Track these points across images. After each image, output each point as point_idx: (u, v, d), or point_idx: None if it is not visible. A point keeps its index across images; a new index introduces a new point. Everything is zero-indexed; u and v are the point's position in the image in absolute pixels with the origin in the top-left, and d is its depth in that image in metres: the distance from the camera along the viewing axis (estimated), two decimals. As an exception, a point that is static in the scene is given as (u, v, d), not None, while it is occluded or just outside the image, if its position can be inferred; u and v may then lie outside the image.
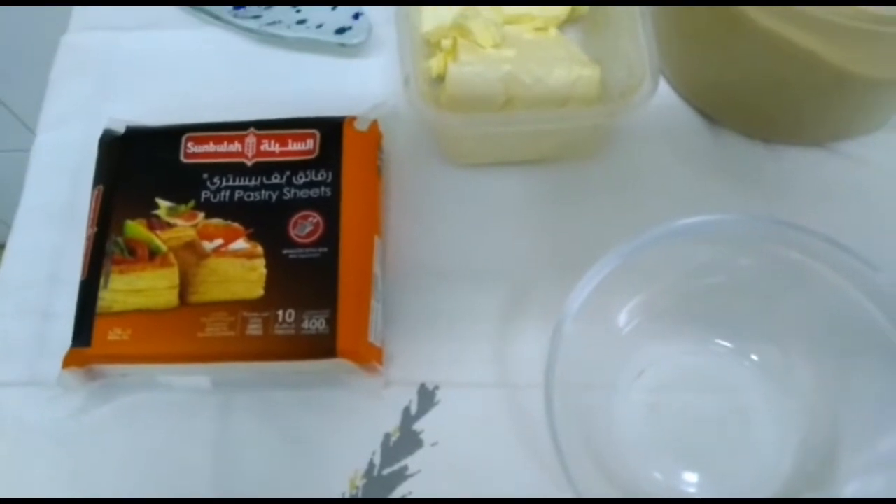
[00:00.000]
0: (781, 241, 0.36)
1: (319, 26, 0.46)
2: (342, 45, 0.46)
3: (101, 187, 0.41)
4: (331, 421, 0.39)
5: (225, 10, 0.48)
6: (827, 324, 0.38)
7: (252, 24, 0.46)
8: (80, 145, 0.44)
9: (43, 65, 0.50)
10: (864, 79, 0.39)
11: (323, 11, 0.47)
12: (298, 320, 0.36)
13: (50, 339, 0.40)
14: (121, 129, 0.42)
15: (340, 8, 0.46)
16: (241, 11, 0.48)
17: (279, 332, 0.36)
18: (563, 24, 0.46)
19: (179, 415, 0.39)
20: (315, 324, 0.36)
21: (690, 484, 0.39)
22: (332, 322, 0.36)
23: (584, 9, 0.46)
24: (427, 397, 0.40)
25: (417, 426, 0.40)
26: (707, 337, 0.40)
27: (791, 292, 0.38)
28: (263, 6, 0.48)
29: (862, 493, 0.36)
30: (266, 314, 0.36)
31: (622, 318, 0.40)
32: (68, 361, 0.37)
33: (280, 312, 0.36)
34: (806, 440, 0.38)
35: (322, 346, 0.36)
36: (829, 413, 0.38)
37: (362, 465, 0.39)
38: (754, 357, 0.40)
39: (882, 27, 0.35)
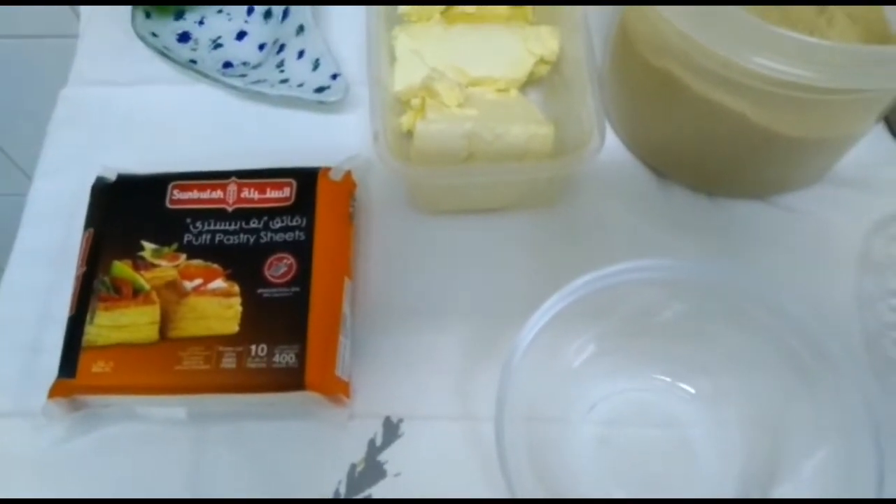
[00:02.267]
0: (716, 283, 0.39)
1: (301, 85, 0.50)
2: (321, 102, 0.50)
3: (91, 230, 0.44)
4: (300, 451, 0.42)
5: (213, 70, 0.52)
6: (761, 361, 0.41)
7: (238, 82, 0.50)
8: (74, 192, 0.47)
9: (42, 116, 0.53)
10: (792, 139, 0.43)
11: (304, 72, 0.51)
12: (270, 354, 0.39)
13: (37, 373, 0.42)
14: (112, 176, 0.46)
15: (320, 69, 0.50)
16: (229, 70, 0.52)
17: (252, 365, 0.39)
18: (524, 86, 0.50)
19: (157, 445, 0.42)
20: (285, 358, 0.39)
21: (646, 513, 0.41)
22: (301, 356, 0.39)
23: (544, 71, 0.50)
24: (391, 429, 0.43)
25: (382, 457, 0.42)
26: (653, 373, 0.43)
27: (727, 331, 0.41)
28: (250, 66, 0.53)
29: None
30: (240, 348, 0.39)
31: (573, 355, 0.43)
32: (54, 392, 0.39)
33: (253, 347, 0.39)
34: (745, 470, 0.41)
35: (291, 379, 0.39)
36: (766, 444, 0.41)
37: (328, 494, 0.41)
38: (696, 392, 0.43)
39: (803, 94, 0.39)
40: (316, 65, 0.50)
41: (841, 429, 0.37)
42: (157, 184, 0.44)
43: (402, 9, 0.49)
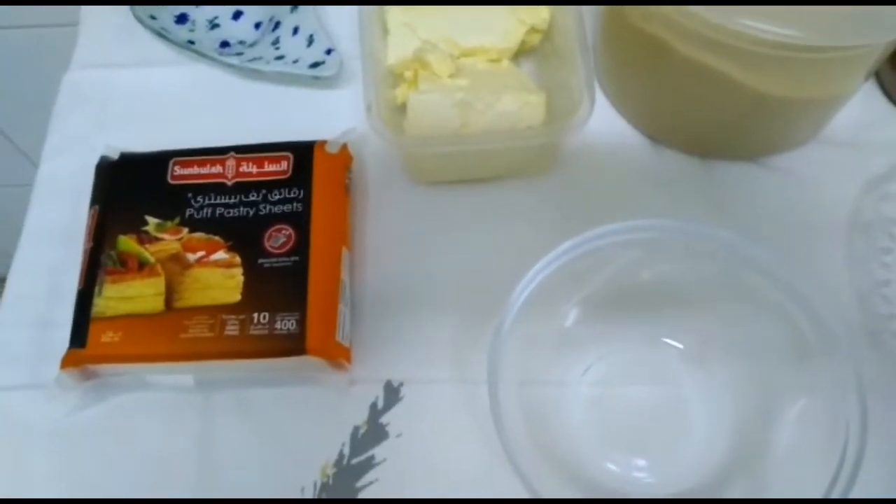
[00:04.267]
0: (702, 243, 0.40)
1: (296, 61, 0.51)
2: (316, 77, 0.50)
3: (97, 207, 0.45)
4: (304, 415, 0.43)
5: (211, 49, 0.53)
6: (749, 320, 0.41)
7: (235, 60, 0.51)
8: (80, 171, 0.48)
9: (46, 102, 0.55)
10: (780, 99, 0.44)
11: (299, 48, 0.52)
12: (272, 321, 0.40)
13: (50, 346, 0.43)
14: (115, 155, 0.47)
15: (315, 45, 0.51)
16: (226, 50, 0.53)
17: (254, 332, 0.40)
18: (516, 56, 0.51)
19: (166, 411, 0.43)
20: (287, 324, 0.40)
21: (641, 468, 0.42)
22: (301, 323, 0.40)
23: (536, 41, 0.51)
24: (392, 393, 0.44)
25: (384, 419, 0.43)
26: (644, 333, 0.44)
27: (716, 291, 0.42)
28: (247, 45, 0.53)
29: (787, 475, 0.39)
30: (242, 316, 0.40)
31: (565, 318, 0.44)
32: (66, 362, 0.41)
33: (255, 315, 0.41)
34: (735, 424, 0.42)
35: (293, 345, 0.40)
36: (756, 399, 0.42)
37: (333, 456, 0.42)
38: (686, 350, 0.44)
39: (789, 53, 0.39)
40: (310, 41, 0.51)
41: (829, 385, 0.38)
42: (159, 161, 0.46)
43: (394, -18, 0.50)
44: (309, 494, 0.41)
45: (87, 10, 0.57)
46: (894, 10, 0.36)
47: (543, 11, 0.49)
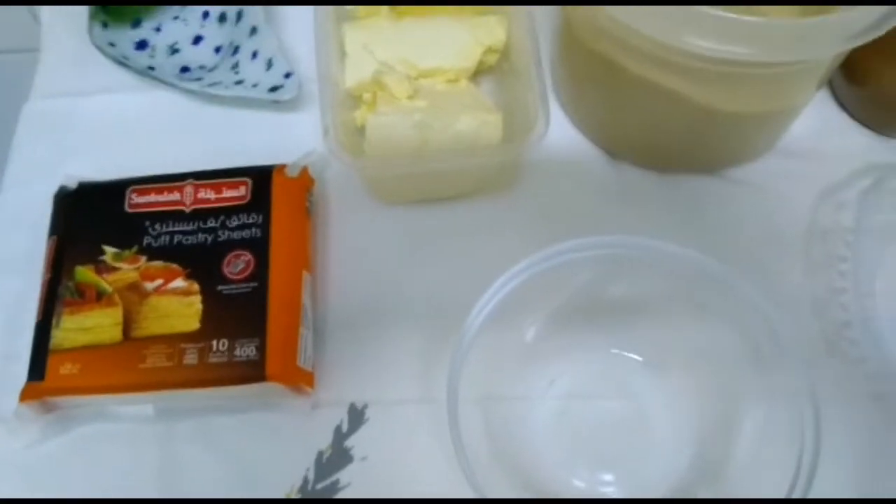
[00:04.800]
0: (660, 258, 0.41)
1: (255, 85, 0.51)
2: (276, 101, 0.51)
3: (55, 237, 0.45)
4: (267, 441, 0.43)
5: (171, 75, 0.53)
6: (708, 333, 0.42)
7: (194, 85, 0.51)
8: (40, 201, 0.48)
9: (6, 130, 0.55)
10: (731, 113, 0.44)
11: (258, 72, 0.52)
12: (231, 349, 0.40)
13: (9, 379, 0.43)
14: (74, 184, 0.47)
15: (274, 69, 0.51)
16: (187, 75, 0.53)
17: (213, 360, 0.40)
18: (475, 75, 0.51)
19: (128, 442, 0.43)
20: (246, 351, 0.40)
21: (607, 483, 0.42)
22: (261, 349, 0.40)
23: (493, 60, 0.51)
24: (357, 415, 0.44)
25: (348, 443, 0.43)
26: (607, 347, 0.44)
27: (675, 304, 0.42)
28: (207, 70, 0.54)
29: (748, 482, 0.40)
30: (202, 344, 0.40)
31: (528, 333, 0.44)
32: (25, 395, 0.41)
33: (214, 342, 0.40)
34: (698, 434, 0.42)
35: (252, 371, 0.40)
36: (717, 410, 0.42)
37: (297, 482, 0.42)
38: (648, 363, 0.44)
39: (735, 69, 0.40)
40: (269, 65, 0.51)
41: (785, 394, 0.38)
42: (116, 189, 0.46)
43: (351, 5, 0.50)
44: (274, 521, 0.41)
45: (46, 39, 0.57)
46: (840, 22, 0.37)
47: (499, 32, 0.49)
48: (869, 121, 0.51)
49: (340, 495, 0.42)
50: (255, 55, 0.52)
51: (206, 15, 0.55)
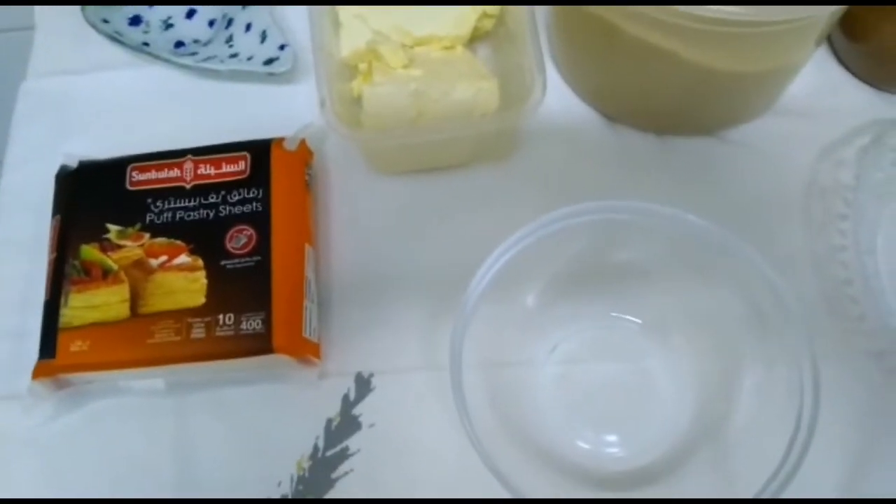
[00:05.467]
0: (660, 221, 0.41)
1: (250, 58, 0.51)
2: (271, 74, 0.50)
3: (58, 217, 0.45)
4: (276, 411, 0.44)
5: (166, 50, 0.52)
6: (708, 294, 0.42)
7: (189, 60, 0.51)
8: (42, 181, 0.48)
9: (5, 110, 0.55)
10: (729, 73, 0.44)
11: (253, 45, 0.51)
12: (237, 322, 0.41)
13: (23, 357, 0.44)
14: (74, 164, 0.47)
15: (268, 41, 0.51)
16: (180, 50, 0.53)
17: (220, 333, 0.41)
18: (471, 41, 0.51)
19: (140, 416, 0.44)
20: (252, 324, 0.41)
21: (611, 444, 0.43)
22: (267, 322, 0.41)
23: (489, 25, 0.51)
24: (363, 384, 0.45)
25: (356, 410, 0.44)
26: (608, 311, 0.45)
27: (674, 267, 0.42)
28: (201, 44, 0.53)
29: (748, 441, 0.40)
30: (208, 319, 0.41)
31: (530, 299, 0.44)
32: (37, 373, 0.42)
33: (220, 316, 0.41)
34: (698, 394, 0.43)
35: (259, 344, 0.41)
36: (716, 369, 0.43)
37: (308, 449, 0.43)
38: (648, 326, 0.45)
39: (732, 29, 0.39)
40: (263, 37, 0.51)
41: (785, 353, 0.38)
42: (117, 167, 0.46)
43: (344, -26, 0.50)
44: (286, 488, 0.42)
45: (40, 17, 0.57)
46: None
47: (495, -5, 0.49)
48: (869, 76, 0.51)
49: (350, 461, 0.43)
50: (248, 27, 0.52)
51: (198, -12, 0.55)
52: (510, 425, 0.42)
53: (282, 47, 0.51)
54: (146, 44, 0.53)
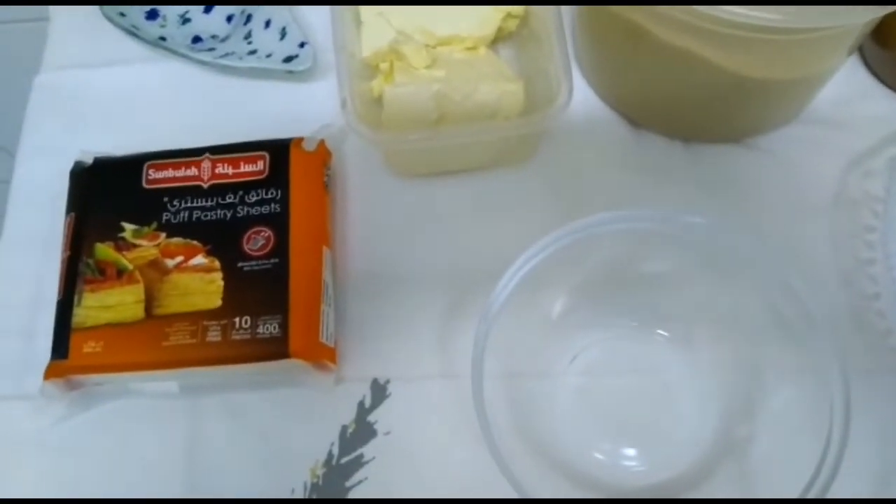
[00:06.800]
0: (687, 232, 0.40)
1: (269, 55, 0.50)
2: (290, 72, 0.50)
3: (73, 214, 0.44)
4: (291, 416, 0.43)
5: (183, 45, 0.52)
6: (734, 306, 0.41)
7: (207, 56, 0.50)
8: (56, 176, 0.48)
9: (21, 101, 0.54)
10: (759, 80, 0.43)
11: (272, 42, 0.51)
12: (254, 326, 0.40)
13: (34, 356, 0.43)
14: (89, 160, 0.46)
15: (287, 38, 0.50)
16: (198, 45, 0.52)
17: (236, 337, 0.40)
18: (494, 42, 0.50)
19: (153, 418, 0.43)
20: (269, 328, 0.40)
21: (631, 458, 0.42)
22: (284, 326, 0.40)
23: (513, 26, 0.50)
24: (379, 391, 0.44)
25: (371, 417, 0.43)
26: (630, 321, 0.44)
27: (700, 277, 0.41)
28: (219, 39, 0.52)
29: (774, 458, 0.39)
30: (224, 322, 0.40)
31: (551, 308, 0.43)
32: (49, 373, 0.41)
33: (237, 319, 0.40)
34: (722, 408, 0.42)
35: (276, 348, 0.40)
36: (742, 386, 0.42)
37: (322, 456, 0.42)
38: (672, 338, 0.44)
39: (767, 36, 0.38)
40: (283, 34, 0.50)
41: (813, 368, 0.38)
42: (133, 165, 0.45)
43: (366, -28, 0.49)
44: (299, 495, 0.41)
45: (55, 9, 0.56)
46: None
47: (520, -4, 0.48)
48: (900, 85, 0.50)
49: (364, 470, 0.42)
50: (268, 24, 0.51)
51: (216, -18, 0.54)
52: (528, 435, 0.41)
53: (301, 45, 0.50)
54: (163, 38, 0.52)
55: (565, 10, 0.47)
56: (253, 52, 0.50)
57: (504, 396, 0.41)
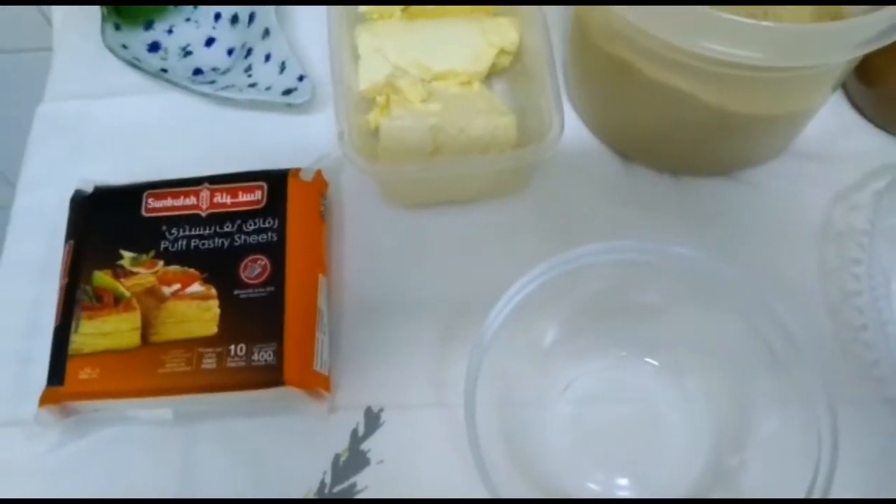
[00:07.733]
0: (677, 263, 0.41)
1: (268, 88, 0.51)
2: (289, 104, 0.51)
3: (72, 242, 0.45)
4: (285, 444, 0.43)
5: (184, 77, 0.53)
6: (724, 337, 0.42)
7: (208, 88, 0.51)
8: (56, 205, 0.48)
9: (23, 130, 0.55)
10: (746, 116, 0.44)
11: (271, 75, 0.52)
12: (249, 353, 0.41)
13: (29, 382, 0.43)
14: (89, 189, 0.47)
15: (287, 71, 0.51)
16: (199, 77, 0.53)
17: (231, 364, 0.40)
18: (488, 77, 0.51)
19: (147, 445, 0.43)
20: (264, 356, 0.41)
21: (623, 487, 0.43)
22: (279, 354, 0.41)
23: (506, 62, 0.51)
24: (373, 419, 0.44)
25: (364, 446, 0.43)
26: (621, 351, 0.44)
27: (689, 308, 0.42)
28: (220, 72, 0.54)
29: (764, 488, 0.40)
30: (219, 349, 0.41)
31: (543, 338, 0.44)
32: (44, 400, 0.41)
33: (232, 347, 0.41)
34: (713, 438, 0.42)
35: (270, 376, 0.40)
36: (733, 415, 0.42)
37: (314, 484, 0.42)
38: (663, 368, 0.44)
39: (751, 73, 0.40)
40: (282, 67, 0.51)
41: (801, 399, 0.38)
42: (133, 193, 0.46)
43: (363, 7, 0.50)
44: (291, 523, 0.42)
45: (59, 40, 0.57)
46: (855, 27, 0.37)
47: (512, 33, 0.49)
48: (883, 122, 0.51)
49: (358, 498, 0.42)
50: (268, 58, 0.52)
51: (217, 16, 0.55)
52: (521, 464, 0.42)
53: (300, 78, 0.51)
54: (164, 70, 0.53)
55: (557, 46, 0.48)
56: (253, 85, 0.51)
57: (497, 425, 0.41)
